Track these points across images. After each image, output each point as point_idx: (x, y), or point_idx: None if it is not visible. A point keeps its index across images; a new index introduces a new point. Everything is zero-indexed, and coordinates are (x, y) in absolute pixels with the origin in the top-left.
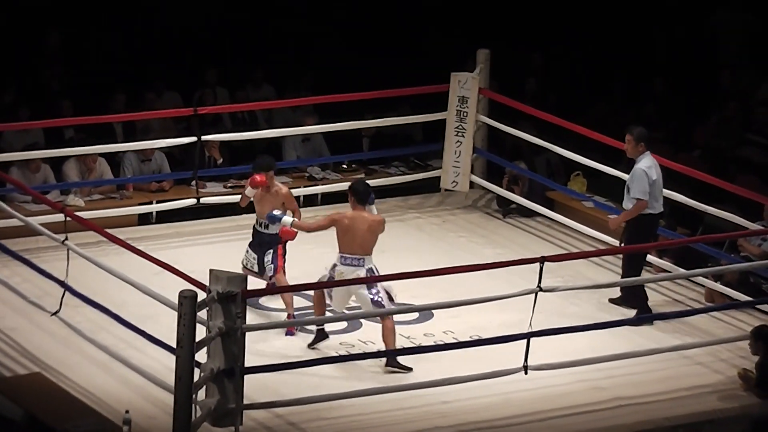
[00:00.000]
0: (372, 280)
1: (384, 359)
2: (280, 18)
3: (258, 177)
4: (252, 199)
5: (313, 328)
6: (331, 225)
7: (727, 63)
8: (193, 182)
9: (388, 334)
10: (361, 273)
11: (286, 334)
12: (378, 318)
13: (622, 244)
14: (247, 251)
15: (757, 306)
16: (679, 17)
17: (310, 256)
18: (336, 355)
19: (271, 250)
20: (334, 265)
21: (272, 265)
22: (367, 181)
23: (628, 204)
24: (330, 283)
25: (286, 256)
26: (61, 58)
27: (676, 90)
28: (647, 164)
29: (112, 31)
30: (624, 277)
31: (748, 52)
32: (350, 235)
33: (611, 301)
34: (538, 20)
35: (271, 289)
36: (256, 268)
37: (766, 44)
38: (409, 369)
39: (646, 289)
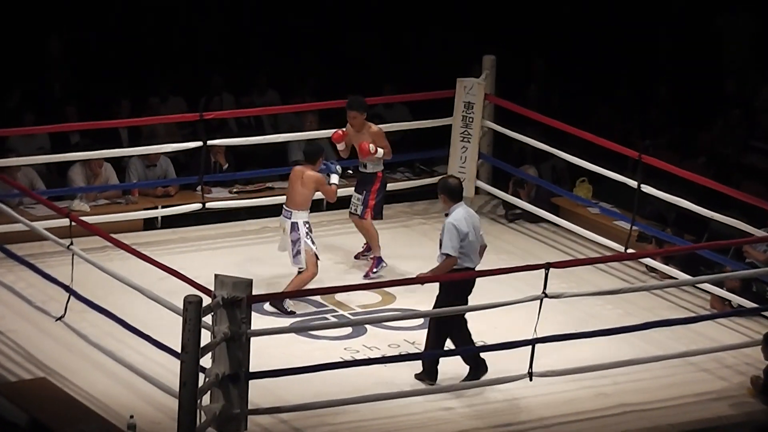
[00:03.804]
0: (372, 286)
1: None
2: (284, 23)
3: (339, 132)
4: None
5: (319, 333)
6: None
7: (732, 69)
8: (199, 187)
9: (297, 283)
10: (287, 225)
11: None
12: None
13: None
14: (352, 196)
15: (763, 313)
16: (684, 23)
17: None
18: (341, 360)
19: (365, 191)
20: None
21: (362, 207)
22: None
23: (438, 259)
24: (342, 288)
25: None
26: (65, 64)
27: (680, 96)
28: (457, 216)
29: (117, 36)
30: (426, 346)
31: (753, 58)
32: (289, 188)
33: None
34: (540, 26)
35: (276, 294)
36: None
37: None
38: (292, 313)
39: None
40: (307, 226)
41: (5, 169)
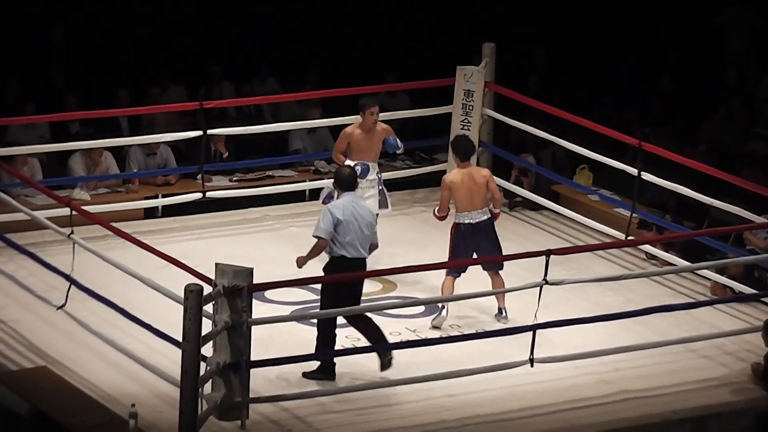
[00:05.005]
0: (372, 274)
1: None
2: (285, 12)
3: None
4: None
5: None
6: None
7: (733, 60)
8: (199, 176)
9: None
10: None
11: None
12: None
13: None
14: None
15: (763, 299)
16: (686, 14)
17: None
18: (342, 348)
19: None
20: None
21: None
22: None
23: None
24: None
25: None
26: (66, 53)
27: (682, 86)
28: (337, 203)
29: (117, 26)
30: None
31: (754, 49)
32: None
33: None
34: (542, 16)
35: (276, 283)
36: None
37: None
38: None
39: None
40: None
41: (7, 159)
